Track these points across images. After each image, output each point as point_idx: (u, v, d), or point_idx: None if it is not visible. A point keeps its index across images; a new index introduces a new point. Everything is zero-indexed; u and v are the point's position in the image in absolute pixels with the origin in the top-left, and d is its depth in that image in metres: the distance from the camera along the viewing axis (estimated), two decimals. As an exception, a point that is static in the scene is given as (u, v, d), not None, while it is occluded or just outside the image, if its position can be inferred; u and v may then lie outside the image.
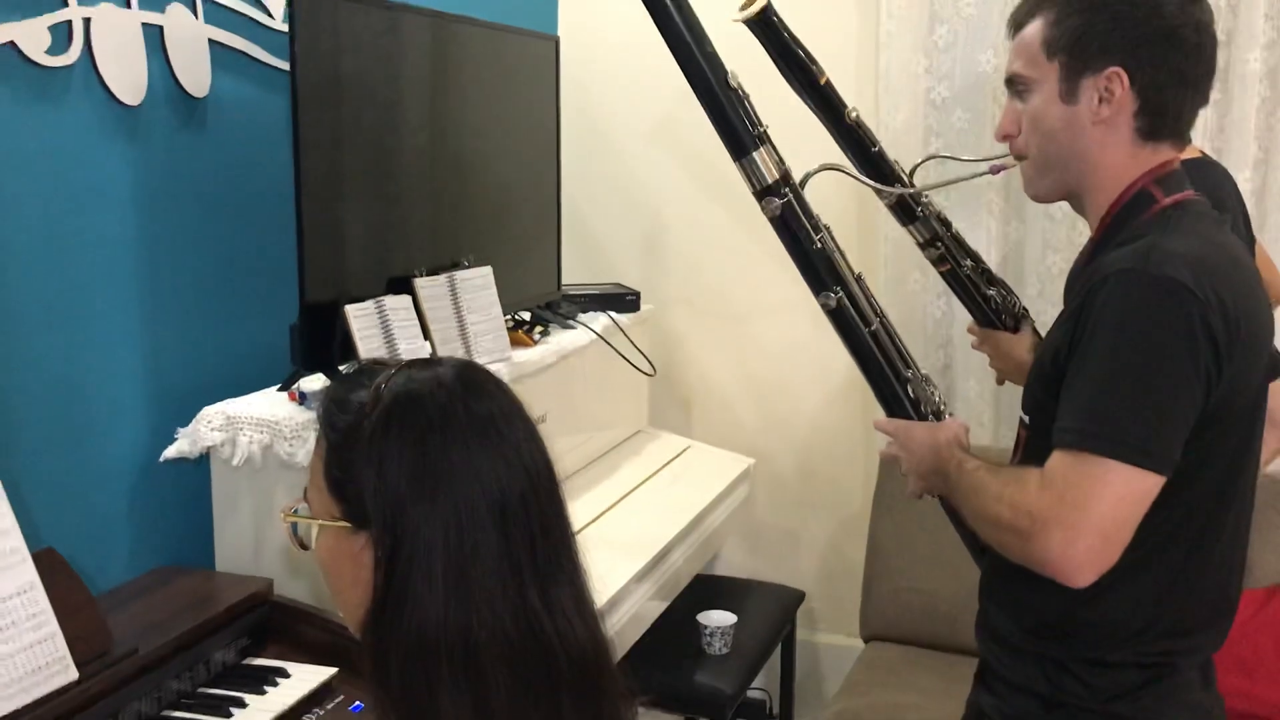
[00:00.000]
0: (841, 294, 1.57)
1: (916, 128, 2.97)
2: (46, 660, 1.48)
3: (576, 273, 3.14)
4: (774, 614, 2.92)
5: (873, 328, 1.59)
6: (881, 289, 3.04)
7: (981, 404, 3.03)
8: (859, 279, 1.63)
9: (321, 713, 1.70)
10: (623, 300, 2.97)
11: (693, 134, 3.18)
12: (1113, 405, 1.24)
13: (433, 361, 1.10)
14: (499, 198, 2.61)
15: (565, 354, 2.60)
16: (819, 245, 1.57)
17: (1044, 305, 2.88)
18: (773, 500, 3.28)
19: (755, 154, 1.55)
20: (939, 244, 2.09)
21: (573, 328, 2.75)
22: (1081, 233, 2.90)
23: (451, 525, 1.00)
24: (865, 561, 3.02)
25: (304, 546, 1.12)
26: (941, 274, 2.14)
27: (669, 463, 2.94)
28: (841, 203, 3.03)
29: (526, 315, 2.71)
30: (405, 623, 1.00)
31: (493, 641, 1.00)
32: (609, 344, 2.75)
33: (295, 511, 1.10)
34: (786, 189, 1.55)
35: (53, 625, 1.50)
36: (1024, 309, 2.19)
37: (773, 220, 1.58)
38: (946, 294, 3.01)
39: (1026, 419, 1.44)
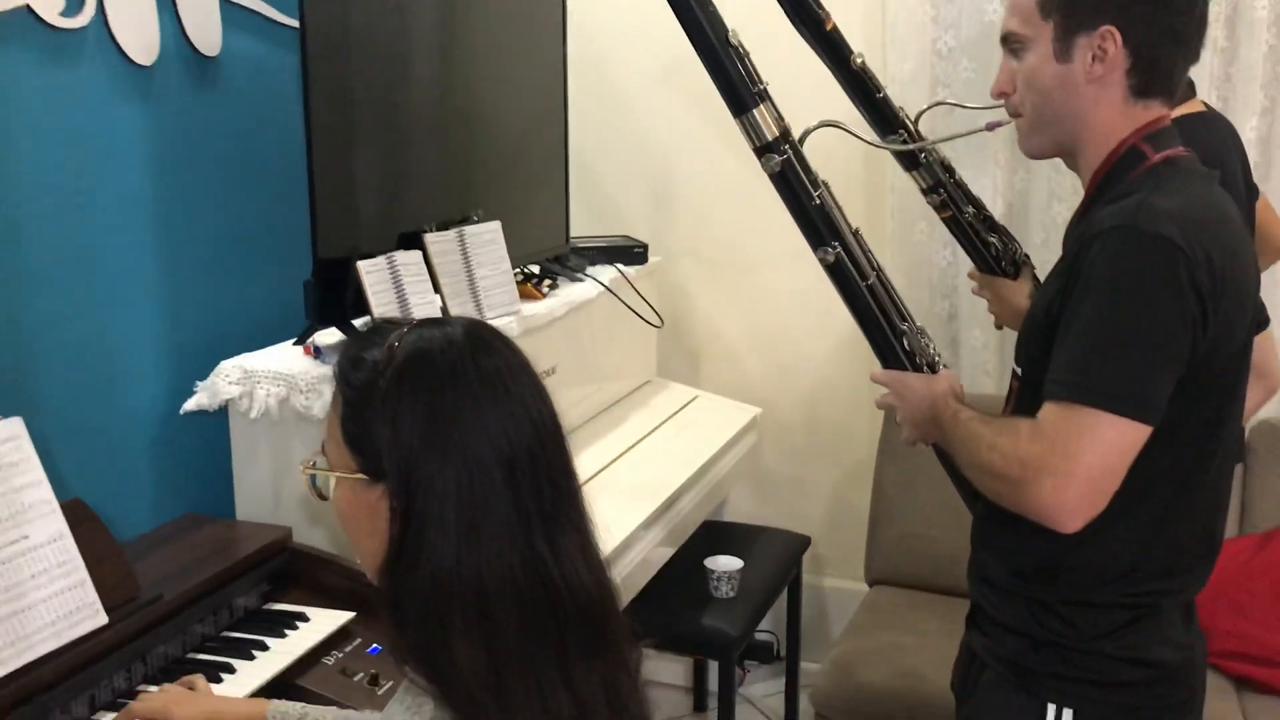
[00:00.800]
0: (839, 249, 1.61)
1: (923, 77, 2.98)
2: (77, 605, 1.54)
3: (585, 223, 3.17)
4: (780, 559, 2.98)
5: (869, 282, 1.62)
6: (888, 239, 3.07)
7: (986, 353, 3.06)
8: (856, 234, 1.66)
9: (340, 655, 1.77)
10: (630, 252, 3.00)
11: (699, 83, 3.18)
12: (1102, 358, 1.29)
13: (443, 321, 1.15)
14: (507, 151, 2.64)
15: (574, 306, 2.64)
16: (817, 201, 1.60)
17: (1048, 254, 2.91)
18: (779, 448, 3.34)
19: (755, 111, 1.58)
20: (941, 190, 2.12)
21: (581, 280, 2.78)
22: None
23: (463, 477, 1.05)
24: (870, 507, 3.07)
25: (322, 497, 1.17)
26: (944, 220, 2.16)
27: (677, 412, 2.99)
28: (847, 153, 3.03)
29: (535, 268, 2.75)
30: (420, 570, 1.05)
31: (502, 587, 1.05)
32: (617, 296, 2.79)
33: (314, 464, 1.16)
34: (785, 145, 1.58)
35: (82, 572, 1.56)
36: (1025, 256, 2.22)
37: (772, 176, 1.61)
38: (952, 244, 3.04)
39: (1019, 371, 1.49)
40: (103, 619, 1.57)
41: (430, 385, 1.07)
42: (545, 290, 2.62)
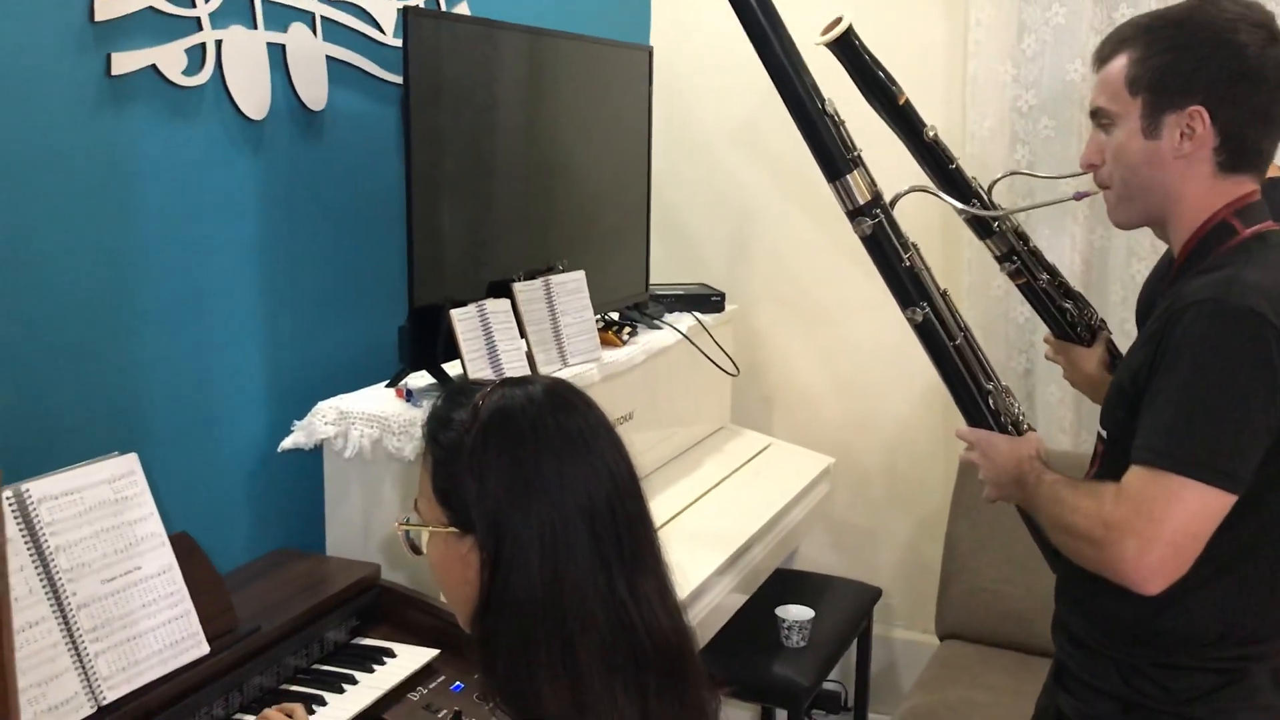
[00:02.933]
0: (928, 309, 1.65)
1: (1003, 135, 3.01)
2: (182, 635, 1.62)
3: (665, 268, 3.24)
4: (851, 609, 3.00)
5: (956, 341, 1.66)
6: (965, 294, 3.10)
7: (1063, 409, 3.06)
8: (944, 294, 1.70)
9: (425, 691, 1.82)
10: (708, 301, 3.06)
11: (780, 136, 3.25)
12: (1190, 427, 1.32)
13: (526, 380, 1.21)
14: (592, 203, 2.72)
15: (652, 354, 2.70)
16: (907, 263, 1.65)
17: (1126, 312, 2.91)
18: (852, 497, 3.36)
19: (849, 176, 1.63)
20: (1015, 258, 2.15)
21: (659, 328, 2.85)
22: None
23: (545, 527, 1.12)
24: (943, 561, 3.08)
25: (416, 551, 1.23)
26: (1018, 286, 2.19)
27: (750, 460, 3.03)
28: (926, 210, 3.04)
29: (615, 315, 2.82)
30: (507, 615, 1.12)
31: (585, 630, 1.11)
32: (695, 345, 2.85)
33: (408, 520, 1.22)
34: (878, 210, 1.63)
35: (188, 603, 1.64)
36: (1101, 321, 2.23)
37: (864, 239, 1.66)
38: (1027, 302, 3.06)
39: (1104, 434, 1.52)
40: (205, 649, 1.65)
41: (513, 441, 1.14)
42: (625, 338, 2.68)
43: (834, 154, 1.63)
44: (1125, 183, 1.48)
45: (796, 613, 2.76)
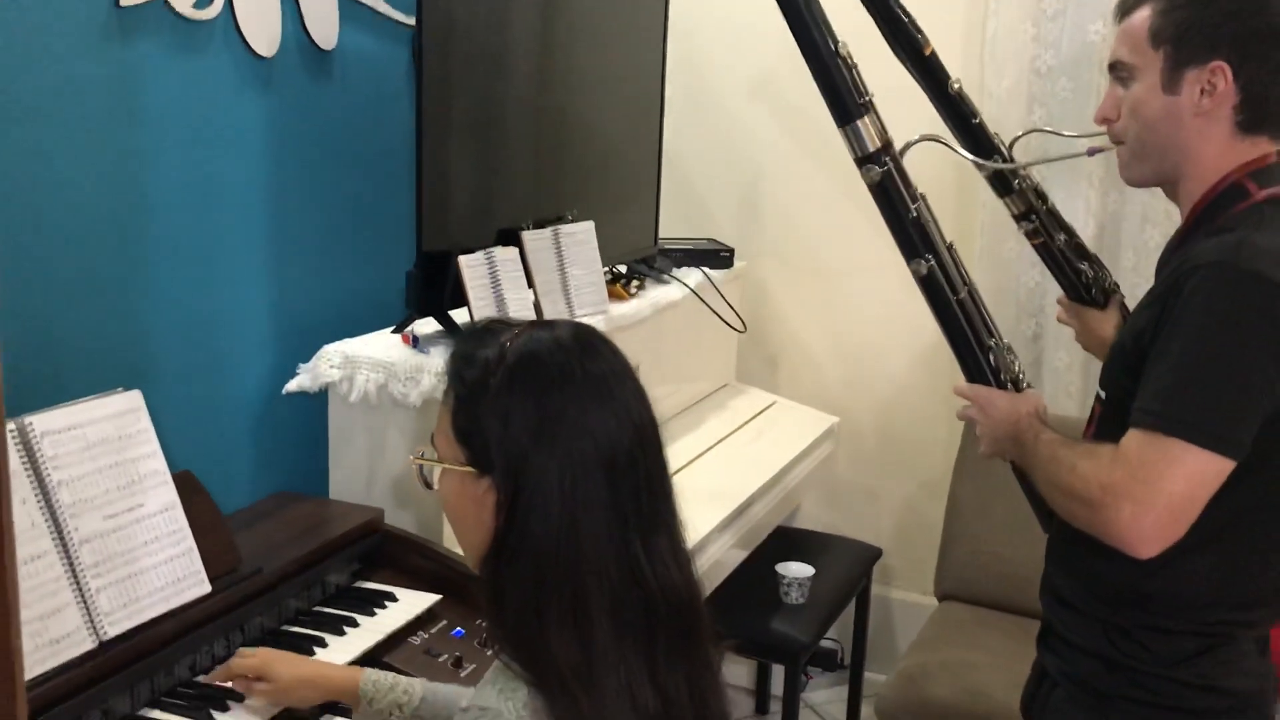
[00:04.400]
0: (933, 262, 1.63)
1: (1021, 95, 2.97)
2: (184, 573, 1.62)
3: (673, 223, 3.21)
4: (851, 568, 3.00)
5: (960, 296, 1.65)
6: (977, 257, 3.07)
7: (1070, 374, 3.05)
8: (950, 248, 1.69)
9: (426, 636, 1.83)
10: (717, 256, 3.04)
11: (795, 91, 3.22)
12: (1192, 391, 1.30)
13: (552, 323, 1.20)
14: (603, 153, 2.69)
15: (660, 308, 2.69)
16: (914, 214, 1.63)
17: (1138, 279, 2.89)
18: (854, 457, 3.35)
19: (859, 122, 1.61)
20: (1034, 217, 2.12)
21: (667, 282, 2.83)
22: (1181, 208, 2.90)
23: (566, 475, 1.10)
24: (944, 522, 3.08)
25: (428, 485, 1.22)
26: (1035, 246, 2.17)
27: (754, 417, 3.02)
28: (940, 170, 3.03)
29: (623, 268, 2.80)
30: (521, 561, 1.11)
31: (599, 583, 1.10)
32: (703, 300, 2.83)
33: (423, 455, 1.21)
34: (887, 158, 1.61)
35: (190, 541, 1.64)
36: (1115, 285, 2.21)
37: (871, 187, 1.64)
38: (1040, 263, 3.02)
39: (1103, 395, 1.50)
40: (206, 587, 1.64)
41: (540, 385, 1.12)
42: (633, 291, 2.66)
43: (845, 98, 1.60)
44: (1140, 139, 1.46)
45: (796, 570, 2.76)
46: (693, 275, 2.91)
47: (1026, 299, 3.09)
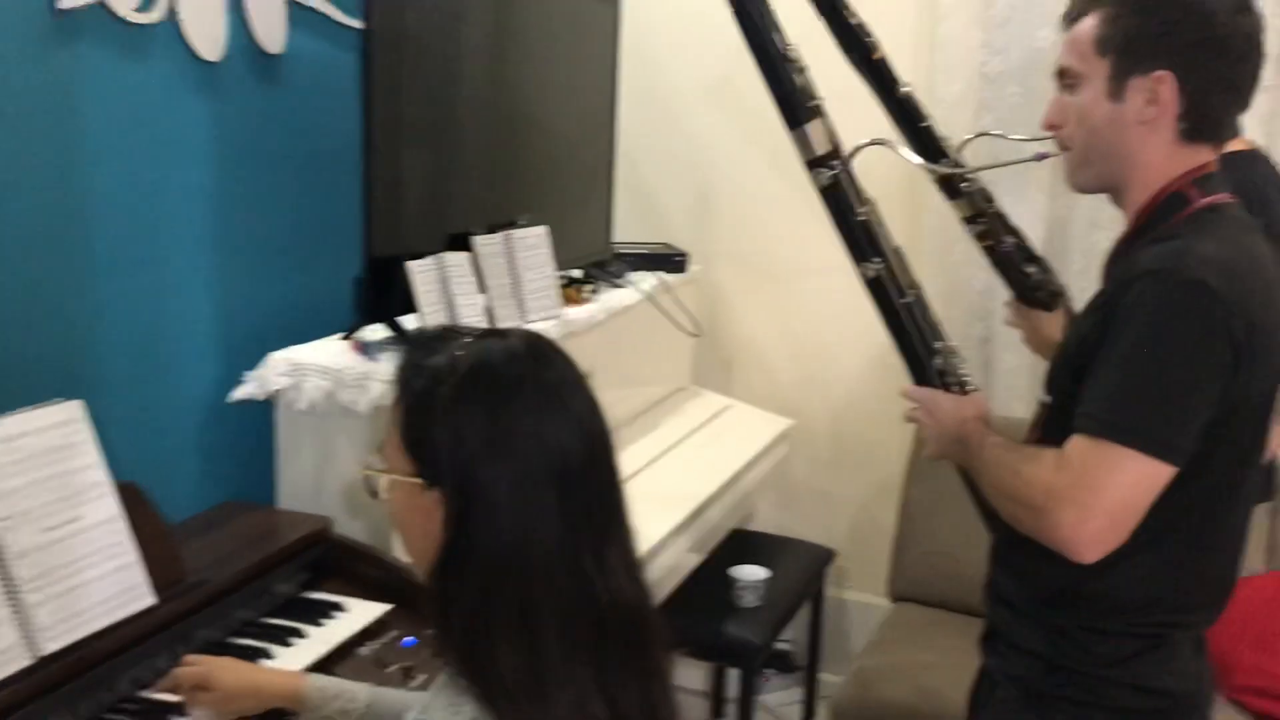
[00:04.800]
0: (881, 265, 1.64)
1: (969, 101, 3.00)
2: (128, 586, 1.59)
3: (627, 227, 3.21)
4: (805, 570, 3.01)
5: (907, 299, 1.66)
6: (925, 260, 3.09)
7: (1019, 377, 3.08)
8: (898, 252, 1.69)
9: (376, 646, 1.81)
10: (670, 261, 3.04)
11: (750, 93, 3.20)
12: (1134, 397, 1.32)
13: (504, 332, 1.19)
14: (555, 156, 2.68)
15: (613, 313, 2.68)
16: (862, 218, 1.63)
17: (1086, 282, 2.89)
18: (809, 460, 3.36)
19: (808, 125, 1.61)
20: (982, 220, 2.14)
21: (622, 287, 2.82)
22: (1128, 211, 2.94)
23: (517, 489, 1.09)
24: (897, 524, 3.09)
25: (375, 496, 1.21)
26: (983, 249, 2.19)
27: (709, 421, 3.03)
28: (890, 173, 3.03)
29: (577, 272, 2.79)
30: (469, 575, 1.09)
31: (548, 596, 1.09)
32: (658, 306, 2.83)
33: (372, 466, 1.20)
34: (836, 161, 1.61)
35: (133, 554, 1.61)
36: (1062, 287, 2.23)
37: (821, 190, 1.65)
38: (990, 267, 3.06)
39: (1048, 399, 1.52)
40: (151, 599, 1.62)
41: (492, 396, 1.11)
42: (587, 296, 2.65)
43: (794, 101, 1.61)
44: (1086, 145, 1.47)
45: (751, 573, 2.77)
46: (647, 279, 2.91)
47: (975, 302, 3.12)
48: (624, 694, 1.14)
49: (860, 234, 1.64)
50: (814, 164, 1.62)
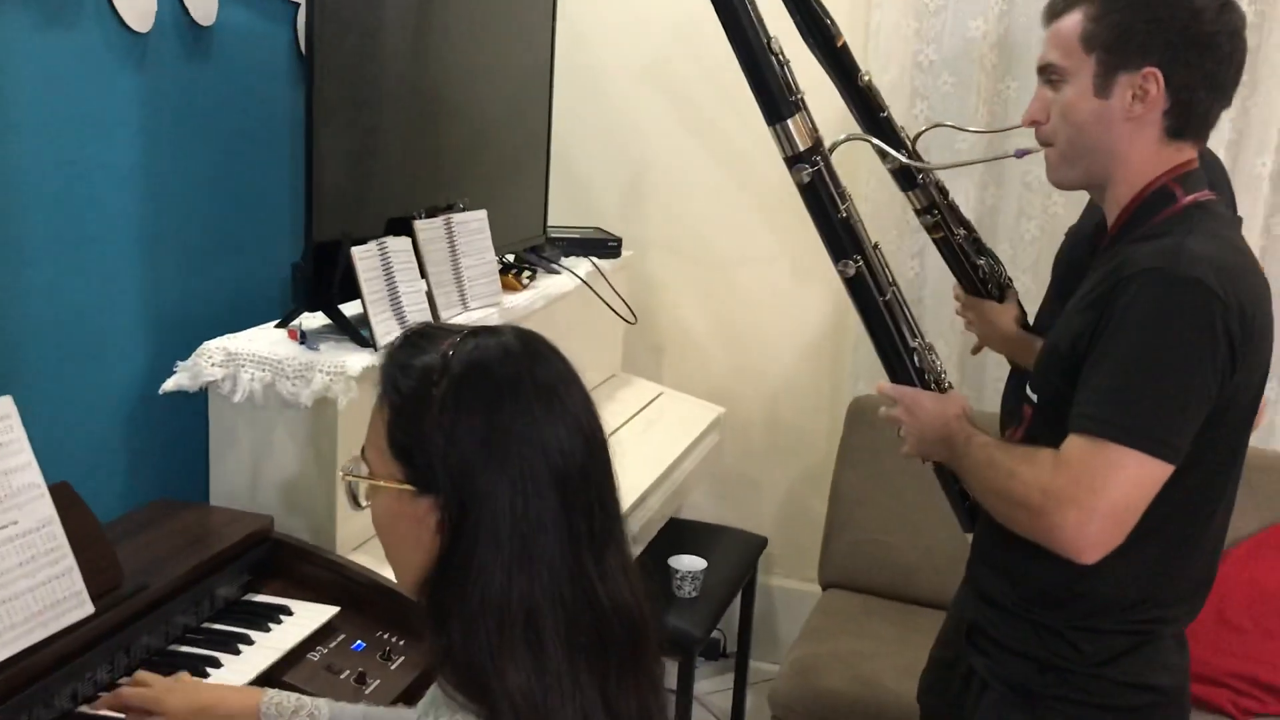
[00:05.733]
0: (861, 263, 1.62)
1: (903, 89, 3.00)
2: (64, 595, 1.49)
3: (557, 210, 3.15)
4: (739, 559, 3.00)
5: (886, 297, 1.64)
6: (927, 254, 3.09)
7: (946, 366, 3.09)
8: (876, 248, 1.67)
9: (325, 651, 1.73)
10: (604, 246, 2.99)
11: (684, 76, 3.19)
12: (1134, 397, 1.31)
13: (495, 329, 1.12)
14: (491, 138, 2.60)
15: (551, 299, 2.62)
16: (844, 214, 1.61)
17: (1015, 271, 2.94)
18: (739, 447, 3.35)
19: (790, 120, 1.57)
20: (935, 211, 2.15)
21: (557, 272, 2.76)
22: (1056, 201, 2.98)
23: (518, 494, 1.03)
24: (828, 511, 3.10)
25: (358, 505, 1.14)
26: (935, 240, 2.19)
27: (643, 409, 2.99)
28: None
29: (510, 257, 2.72)
30: (470, 588, 1.03)
31: (553, 608, 1.04)
32: (595, 292, 2.78)
33: (353, 471, 1.12)
34: (818, 157, 1.58)
35: (70, 559, 1.51)
36: (1009, 279, 2.25)
37: (801, 187, 1.61)
38: (919, 255, 3.08)
39: (1034, 398, 1.51)
40: (89, 608, 1.51)
41: (490, 398, 1.05)
42: (525, 282, 2.59)
43: (777, 95, 1.56)
44: (1071, 142, 1.46)
45: (689, 563, 2.74)
46: (581, 265, 2.85)
47: (906, 290, 3.07)
48: (626, 707, 1.10)
49: (841, 231, 1.61)
50: (795, 160, 1.58)
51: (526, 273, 2.62)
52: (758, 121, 1.63)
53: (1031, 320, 2.19)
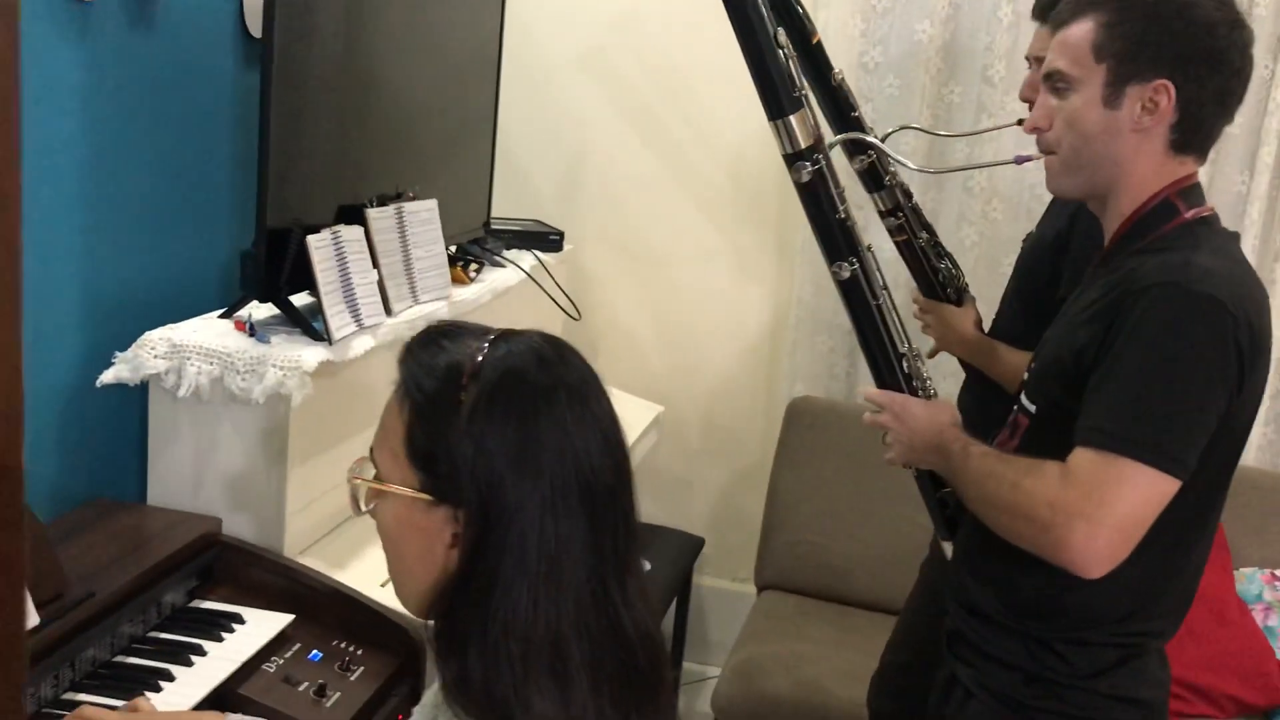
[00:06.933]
0: (857, 265, 1.58)
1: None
2: (8, 605, 1.37)
3: (495, 203, 3.07)
4: (678, 559, 2.97)
5: (879, 301, 1.61)
6: (800, 247, 3.09)
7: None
8: (870, 251, 1.65)
9: (281, 661, 1.65)
10: (546, 239, 2.92)
11: (625, 66, 3.13)
12: (1145, 411, 1.30)
13: (522, 333, 1.06)
14: (435, 126, 2.51)
15: (497, 293, 2.55)
16: (842, 215, 1.57)
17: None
18: (676, 447, 3.31)
19: (793, 116, 1.53)
20: (899, 214, 2.13)
21: (502, 265, 2.69)
22: (995, 207, 3.00)
23: (548, 511, 0.97)
24: (764, 512, 3.08)
25: (358, 508, 1.06)
26: (897, 244, 2.18)
27: (583, 406, 2.92)
28: (762, 161, 3.04)
29: (452, 249, 2.63)
30: (492, 609, 0.96)
31: (578, 634, 0.98)
32: (540, 286, 2.71)
33: (362, 474, 1.05)
34: (819, 155, 1.54)
35: (13, 567, 1.39)
36: (966, 283, 2.26)
37: (799, 185, 1.57)
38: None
39: (1032, 409, 1.49)
40: (34, 619, 1.40)
41: (525, 406, 0.99)
42: (472, 275, 2.51)
43: (780, 90, 1.52)
44: (1076, 151, 1.45)
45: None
46: (523, 258, 2.78)
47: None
48: None
49: (839, 233, 1.58)
50: (795, 158, 1.54)
51: (474, 265, 2.54)
52: (700, 117, 1.58)
53: (987, 325, 2.20)
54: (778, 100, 1.53)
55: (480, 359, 1.00)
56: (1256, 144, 2.83)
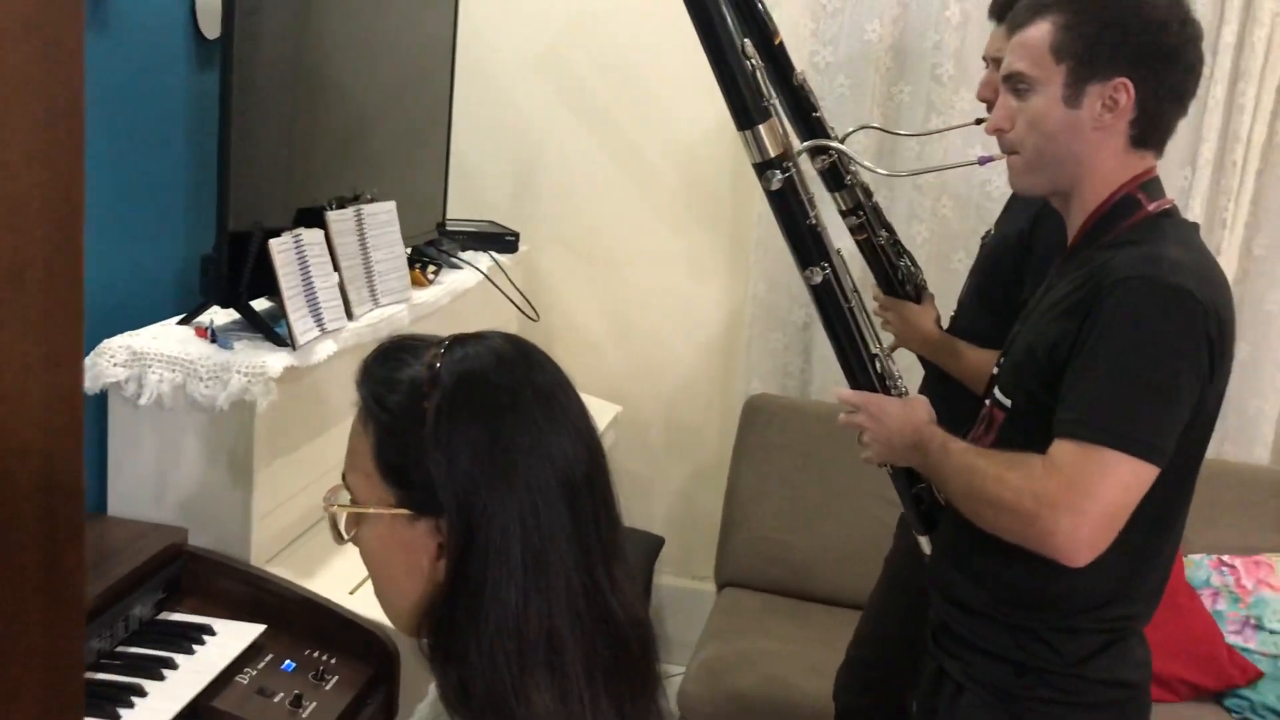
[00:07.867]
0: (828, 270, 1.60)
1: (799, 89, 3.01)
2: (-25, 622, 1.34)
3: (450, 205, 3.05)
4: (640, 558, 2.96)
5: (850, 304, 1.62)
6: (753, 245, 3.11)
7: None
8: (840, 255, 1.66)
9: (253, 672, 1.62)
10: (502, 240, 2.91)
11: (579, 66, 3.13)
12: (1124, 401, 1.33)
13: (481, 336, 1.04)
14: (390, 127, 2.49)
15: (456, 295, 2.53)
16: (813, 221, 1.58)
17: (907, 272, 3.01)
18: (635, 446, 3.31)
19: (761, 126, 1.53)
20: (860, 213, 2.15)
21: (459, 267, 2.67)
22: (945, 204, 3.04)
23: (526, 509, 0.97)
24: (724, 510, 3.09)
25: (340, 537, 1.04)
26: (858, 242, 2.20)
27: (541, 408, 2.92)
28: (716, 160, 3.06)
29: (408, 250, 2.61)
30: (484, 613, 0.95)
31: (571, 626, 0.97)
32: (498, 288, 2.70)
33: (337, 501, 1.03)
34: (789, 163, 1.55)
35: (-21, 583, 1.35)
36: (924, 282, 2.28)
37: (770, 193, 1.58)
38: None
39: (1006, 403, 1.51)
40: (2, 637, 1.36)
41: (489, 407, 0.97)
42: (430, 277, 2.49)
43: (748, 100, 1.52)
44: (1039, 150, 1.47)
45: (595, 566, 2.69)
46: (479, 259, 2.77)
47: (799, 289, 3.14)
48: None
49: (809, 239, 1.59)
50: (765, 166, 1.55)
51: (431, 267, 2.52)
52: (654, 117, 1.58)
53: (946, 323, 2.23)
54: (746, 111, 1.53)
55: (438, 365, 0.99)
56: (1197, 140, 2.90)
